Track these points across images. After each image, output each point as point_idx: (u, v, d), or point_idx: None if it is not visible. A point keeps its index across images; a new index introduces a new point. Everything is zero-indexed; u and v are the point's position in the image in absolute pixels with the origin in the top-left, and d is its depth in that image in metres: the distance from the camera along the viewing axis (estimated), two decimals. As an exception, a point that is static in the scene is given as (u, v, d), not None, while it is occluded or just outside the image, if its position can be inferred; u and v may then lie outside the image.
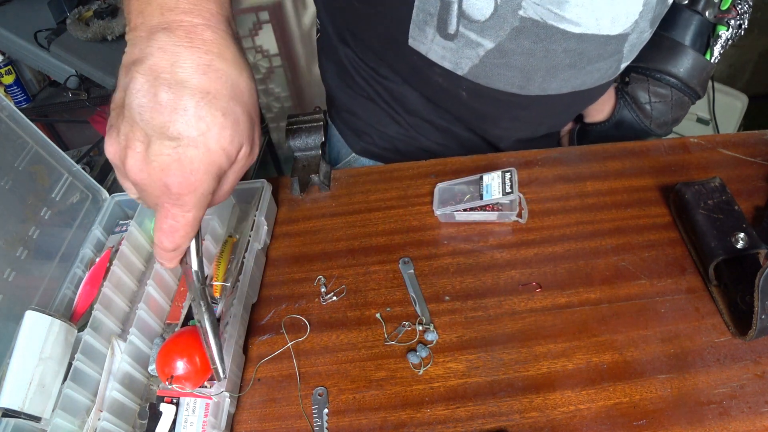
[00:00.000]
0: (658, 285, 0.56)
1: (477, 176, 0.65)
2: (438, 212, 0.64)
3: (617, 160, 0.70)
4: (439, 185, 0.67)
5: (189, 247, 0.45)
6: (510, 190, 0.61)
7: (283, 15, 2.09)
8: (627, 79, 0.75)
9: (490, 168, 0.67)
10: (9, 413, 0.48)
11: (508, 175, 0.63)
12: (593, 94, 0.70)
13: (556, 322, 0.55)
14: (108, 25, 1.76)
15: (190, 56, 0.37)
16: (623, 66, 0.65)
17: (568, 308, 0.56)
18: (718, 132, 0.73)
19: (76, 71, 1.77)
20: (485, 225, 0.64)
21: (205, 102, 0.37)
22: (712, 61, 0.71)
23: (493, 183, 0.63)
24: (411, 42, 0.62)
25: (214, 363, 0.47)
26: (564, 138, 0.88)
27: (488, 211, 0.63)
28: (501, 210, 0.63)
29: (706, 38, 0.71)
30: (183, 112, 0.37)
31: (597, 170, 0.69)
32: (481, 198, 0.63)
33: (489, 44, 0.57)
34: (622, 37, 0.58)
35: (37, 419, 0.50)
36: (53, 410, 0.50)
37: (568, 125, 0.88)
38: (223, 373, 0.47)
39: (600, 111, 0.79)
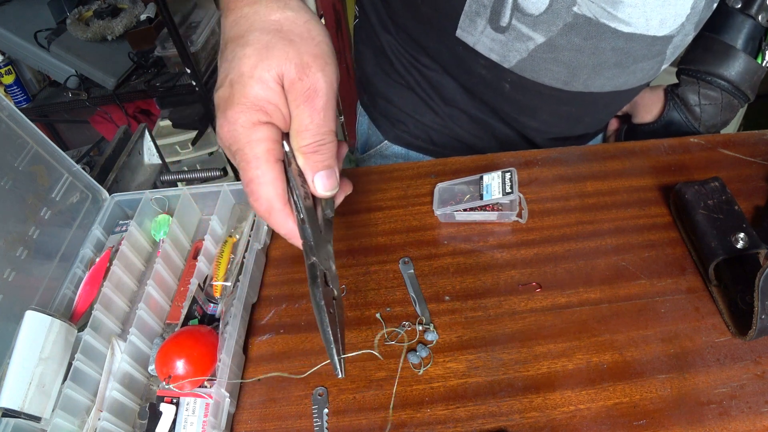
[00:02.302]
0: (658, 285, 0.56)
1: (477, 176, 0.65)
2: (438, 212, 0.64)
3: (617, 160, 0.70)
4: (439, 185, 0.67)
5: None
6: (510, 190, 0.61)
7: (283, 15, 2.09)
8: (677, 81, 0.76)
9: (490, 168, 0.67)
10: (9, 413, 0.48)
11: (508, 175, 0.63)
12: (631, 95, 0.71)
13: (556, 322, 0.55)
14: (108, 25, 1.76)
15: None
16: (663, 68, 0.65)
17: (568, 308, 0.56)
18: (718, 132, 0.73)
19: (76, 71, 1.78)
20: (485, 225, 0.64)
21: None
22: (763, 64, 0.72)
23: (493, 183, 0.63)
24: (459, 33, 0.62)
25: (331, 356, 0.40)
26: (611, 137, 0.89)
27: (488, 211, 0.63)
28: (501, 210, 0.63)
29: (758, 42, 0.71)
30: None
31: (597, 170, 0.69)
32: (481, 198, 0.63)
33: (540, 38, 0.58)
34: (667, 39, 0.59)
35: (37, 419, 0.50)
36: (53, 410, 0.50)
37: (614, 125, 0.88)
38: (341, 370, 0.40)
39: (649, 112, 0.79)
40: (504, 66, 0.63)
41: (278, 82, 0.38)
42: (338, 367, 0.40)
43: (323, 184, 0.40)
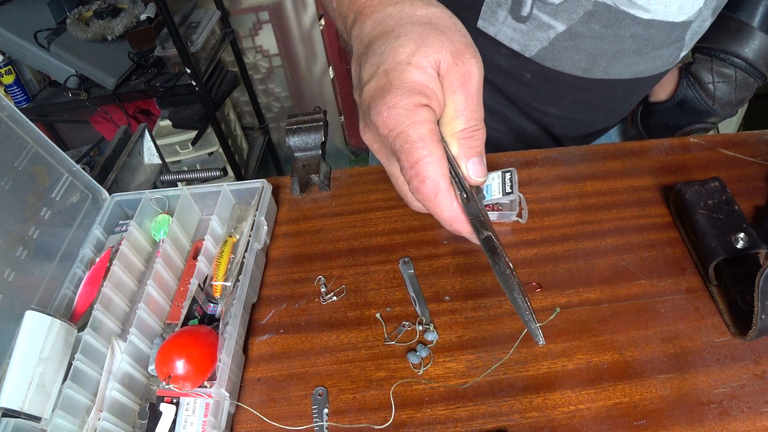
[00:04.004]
0: (658, 285, 0.56)
1: (477, 176, 0.65)
2: (438, 212, 0.64)
3: (617, 160, 0.70)
4: (439, 185, 0.67)
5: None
6: (510, 190, 0.61)
7: (283, 15, 2.09)
8: (691, 60, 0.76)
9: (490, 168, 0.67)
10: (9, 413, 0.48)
11: (508, 175, 0.63)
12: (651, 83, 0.71)
13: (556, 322, 0.55)
14: (108, 25, 1.76)
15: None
16: (682, 55, 0.66)
17: (568, 308, 0.56)
18: (718, 132, 0.73)
19: (76, 71, 1.78)
20: (485, 225, 0.64)
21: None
22: None
23: (493, 183, 0.63)
24: (480, 23, 0.63)
25: (528, 324, 0.38)
26: (627, 118, 0.89)
27: (488, 211, 0.63)
28: (501, 210, 0.63)
29: None
30: None
31: (597, 170, 0.69)
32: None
33: (561, 27, 0.59)
34: (685, 25, 0.60)
35: (37, 419, 0.50)
36: (53, 410, 0.50)
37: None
38: (541, 336, 0.38)
39: (663, 90, 0.79)
40: (525, 55, 0.63)
41: (435, 69, 0.39)
42: (538, 334, 0.38)
43: (476, 170, 0.40)
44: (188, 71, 1.66)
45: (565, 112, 0.73)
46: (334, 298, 0.59)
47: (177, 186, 0.77)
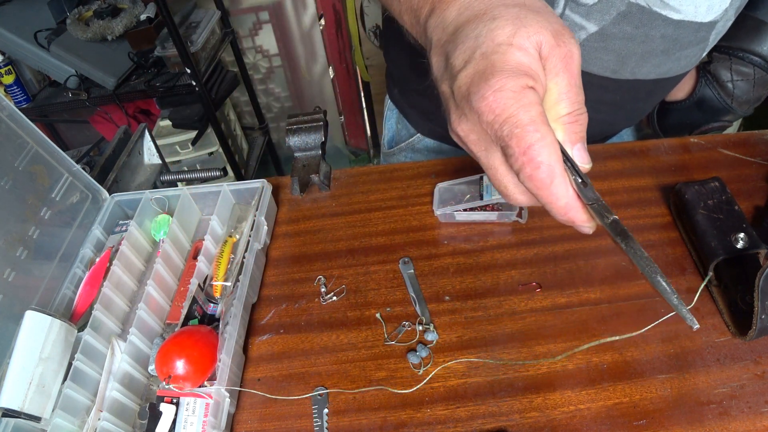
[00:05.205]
0: (658, 285, 0.56)
1: (477, 176, 0.65)
2: (438, 212, 0.64)
3: (617, 160, 0.70)
4: (439, 185, 0.67)
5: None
6: (510, 190, 0.61)
7: (283, 15, 2.09)
8: (709, 58, 0.76)
9: (490, 168, 0.67)
10: (9, 413, 0.48)
11: (508, 175, 0.63)
12: (674, 83, 0.71)
13: (556, 322, 0.55)
14: (108, 25, 1.76)
15: None
16: (704, 54, 0.66)
17: (568, 308, 0.56)
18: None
19: (76, 71, 1.77)
20: (485, 225, 0.64)
21: None
22: None
23: (493, 183, 0.63)
24: None
25: (678, 307, 0.36)
26: (643, 118, 0.88)
27: (488, 211, 0.63)
28: (501, 210, 0.63)
29: None
30: None
31: (597, 170, 0.69)
32: (481, 198, 0.63)
33: (592, 28, 0.58)
34: (711, 25, 0.60)
35: (37, 419, 0.50)
36: (53, 410, 0.50)
37: None
38: (693, 318, 0.36)
39: (680, 89, 0.79)
40: None
41: (537, 50, 0.36)
42: (691, 317, 0.36)
43: (582, 157, 0.38)
44: (188, 71, 1.66)
45: (588, 113, 0.73)
46: (334, 298, 0.59)
47: (177, 186, 0.77)
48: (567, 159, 0.37)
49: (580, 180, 0.37)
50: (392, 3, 0.48)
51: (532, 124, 0.35)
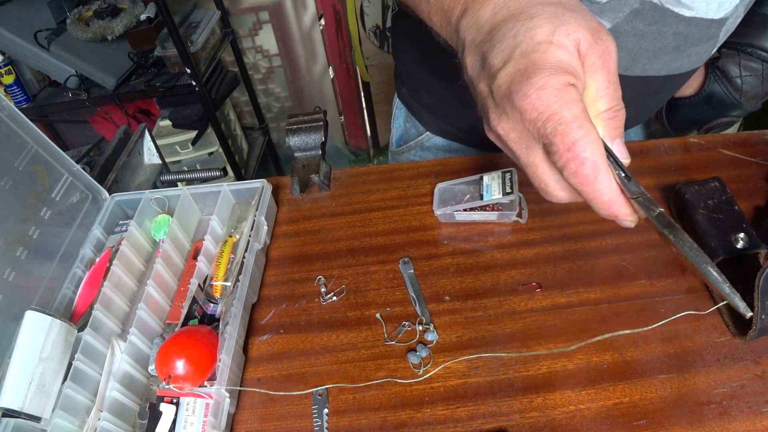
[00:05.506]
0: (658, 285, 0.56)
1: (477, 176, 0.65)
2: (438, 212, 0.64)
3: (617, 160, 0.70)
4: (439, 185, 0.67)
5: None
6: (510, 190, 0.61)
7: (283, 15, 2.09)
8: (717, 54, 0.76)
9: (490, 168, 0.67)
10: (9, 413, 0.48)
11: (508, 176, 0.63)
12: (684, 79, 0.71)
13: (556, 322, 0.55)
14: (108, 25, 1.76)
15: None
16: (714, 50, 0.67)
17: (568, 308, 0.56)
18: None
19: (76, 71, 1.77)
20: (485, 225, 0.64)
21: None
22: None
23: (493, 183, 0.63)
24: None
25: (731, 296, 0.37)
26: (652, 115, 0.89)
27: (488, 211, 0.63)
28: (501, 210, 0.63)
29: None
30: None
31: (597, 170, 0.69)
32: (481, 198, 0.63)
33: (606, 25, 0.58)
34: (722, 22, 0.60)
35: (37, 419, 0.50)
36: (53, 410, 0.50)
37: None
38: (746, 306, 0.37)
39: (689, 85, 0.79)
40: None
41: (576, 47, 0.37)
42: (744, 305, 0.36)
43: (622, 152, 0.38)
44: (188, 71, 1.66)
45: None
46: (334, 298, 0.59)
47: (177, 186, 0.77)
48: (609, 154, 0.37)
49: (623, 174, 0.37)
50: (420, 4, 0.48)
51: (575, 120, 0.35)
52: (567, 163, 0.36)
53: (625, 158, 0.39)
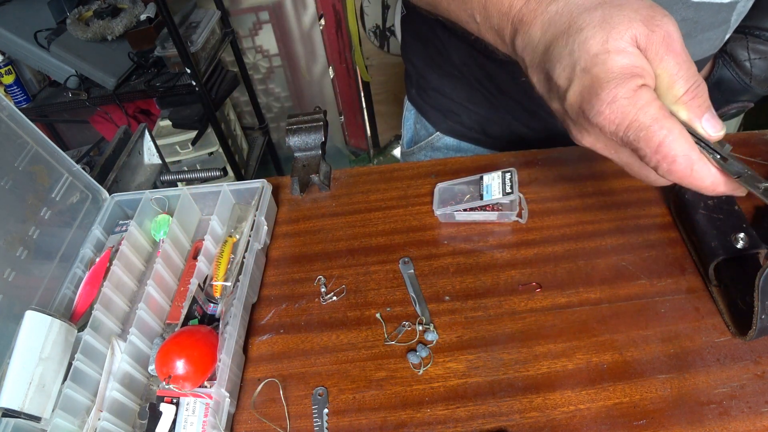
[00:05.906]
0: (658, 285, 0.56)
1: (477, 176, 0.65)
2: (438, 212, 0.64)
3: (617, 160, 0.70)
4: (439, 185, 0.67)
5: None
6: (510, 190, 0.61)
7: (283, 15, 2.09)
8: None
9: (490, 168, 0.67)
10: (9, 413, 0.48)
11: (508, 176, 0.63)
12: (697, 68, 0.71)
13: (556, 322, 0.55)
14: (108, 25, 1.76)
15: None
16: (727, 36, 0.66)
17: (568, 308, 0.56)
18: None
19: (76, 71, 1.77)
20: (485, 225, 0.64)
21: None
22: None
23: (493, 183, 0.63)
24: None
25: None
26: None
27: (488, 211, 0.63)
28: (501, 210, 0.63)
29: None
30: None
31: (597, 170, 0.69)
32: (481, 198, 0.63)
33: None
34: (732, 5, 0.59)
35: (37, 419, 0.50)
36: (53, 410, 0.50)
37: None
38: None
39: None
40: None
41: (634, 45, 0.36)
42: None
43: (712, 125, 0.37)
44: (188, 71, 1.66)
45: None
46: (334, 298, 0.59)
47: (177, 186, 0.77)
48: (699, 141, 0.37)
49: (719, 156, 0.37)
50: (469, 22, 0.48)
51: (654, 123, 0.35)
52: (659, 163, 0.36)
53: (718, 130, 0.38)
